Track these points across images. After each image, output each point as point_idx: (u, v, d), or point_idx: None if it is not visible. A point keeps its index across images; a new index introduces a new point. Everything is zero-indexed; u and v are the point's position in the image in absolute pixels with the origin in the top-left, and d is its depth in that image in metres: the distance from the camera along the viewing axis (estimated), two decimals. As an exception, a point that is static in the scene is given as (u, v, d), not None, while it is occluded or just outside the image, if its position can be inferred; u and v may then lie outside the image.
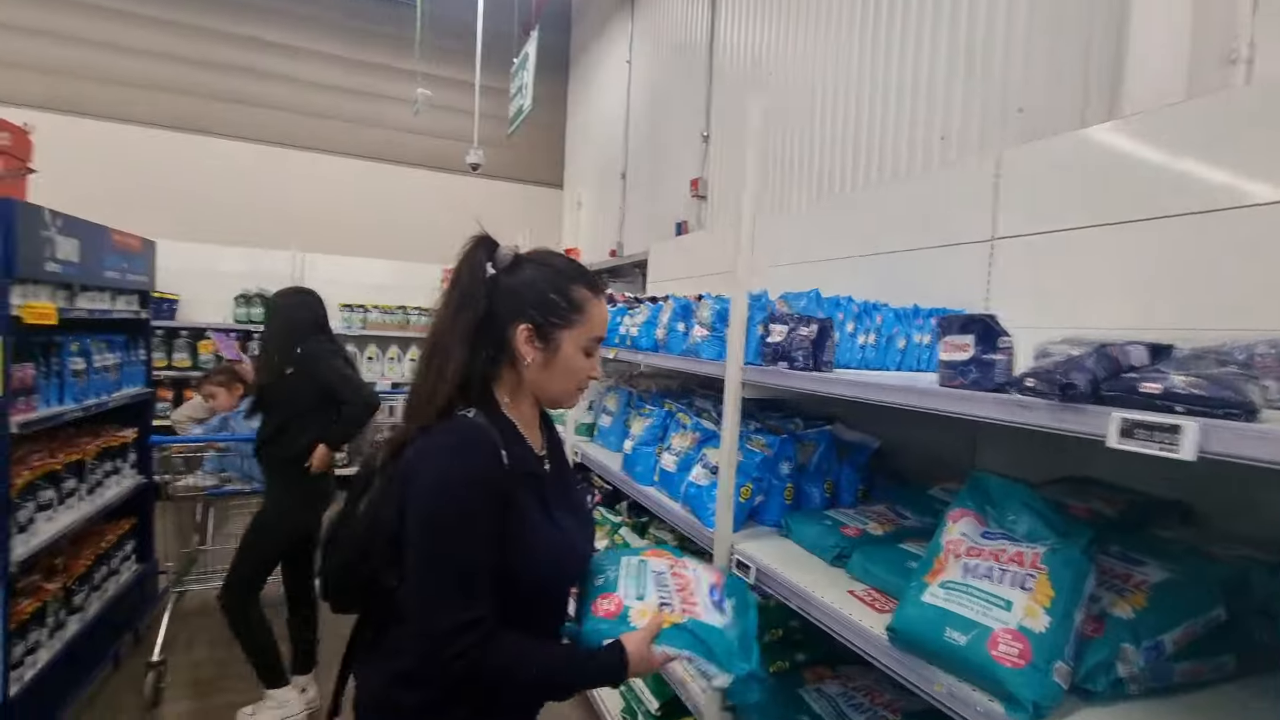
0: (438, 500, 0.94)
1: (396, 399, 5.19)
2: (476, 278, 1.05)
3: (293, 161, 7.13)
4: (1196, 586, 1.01)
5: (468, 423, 0.99)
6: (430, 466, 0.95)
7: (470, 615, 0.91)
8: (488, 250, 1.08)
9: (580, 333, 1.07)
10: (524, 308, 1.04)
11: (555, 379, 1.08)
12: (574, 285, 1.07)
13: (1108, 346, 0.81)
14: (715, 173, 4.22)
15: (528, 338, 1.04)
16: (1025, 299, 1.73)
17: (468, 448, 0.96)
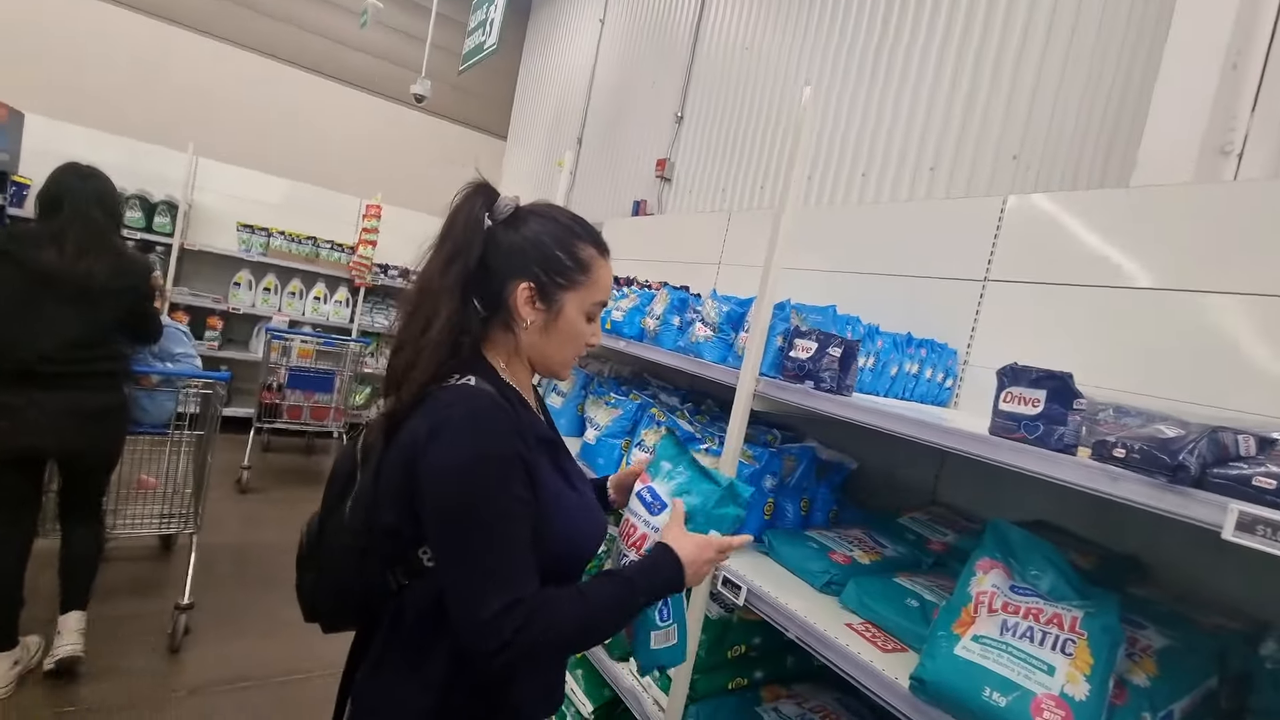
0: (461, 485, 0.81)
1: (292, 339, 4.68)
2: (473, 228, 0.93)
3: (207, 51, 6.17)
4: (1195, 655, 1.05)
5: (473, 390, 0.86)
6: (444, 446, 0.82)
7: (513, 597, 0.80)
8: (486, 199, 0.95)
9: (585, 295, 0.97)
10: (526, 264, 0.94)
11: (554, 344, 0.98)
12: (581, 243, 0.97)
13: (1220, 431, 0.80)
14: (685, 156, 4.10)
15: (528, 297, 0.93)
16: (1009, 344, 1.79)
17: (483, 419, 0.84)
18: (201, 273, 5.35)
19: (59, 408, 1.97)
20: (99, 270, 2.02)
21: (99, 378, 2.08)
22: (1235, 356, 1.35)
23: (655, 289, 2.12)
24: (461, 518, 0.80)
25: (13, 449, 1.96)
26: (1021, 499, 1.67)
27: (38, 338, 1.94)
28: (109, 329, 2.11)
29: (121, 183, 4.68)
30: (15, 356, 1.92)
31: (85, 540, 2.22)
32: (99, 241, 2.06)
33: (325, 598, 0.93)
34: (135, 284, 2.16)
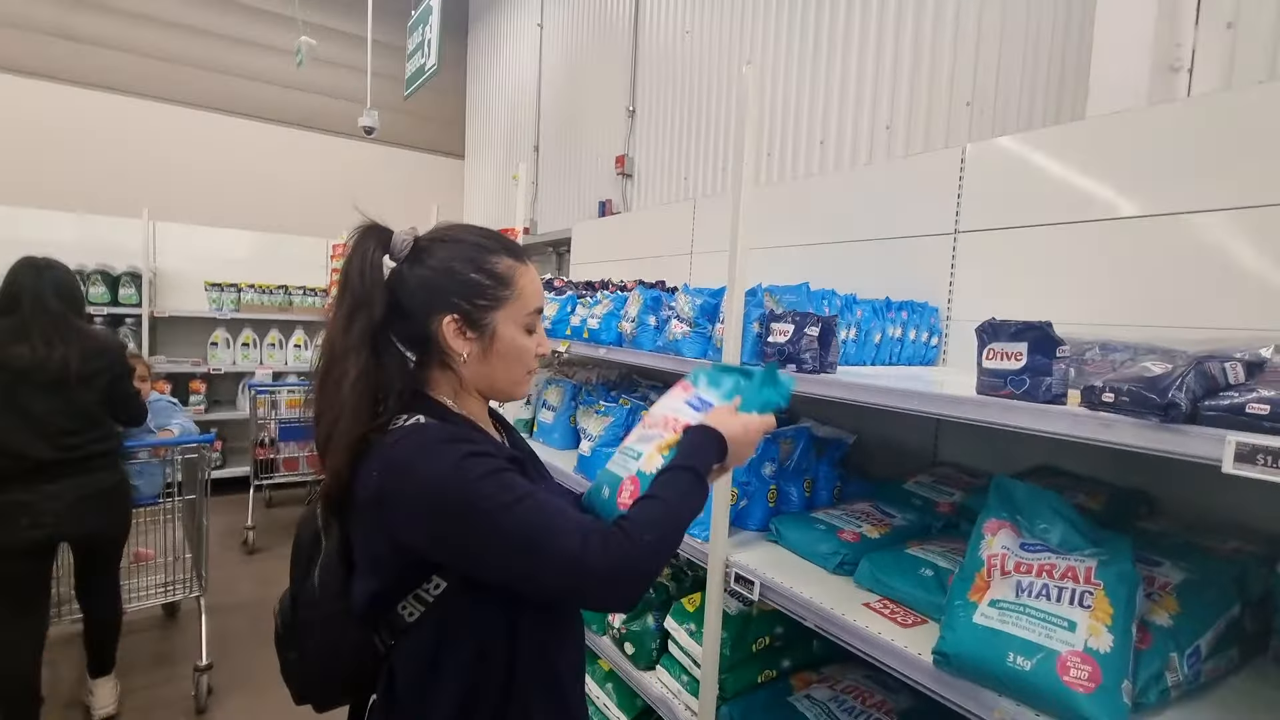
0: (458, 485, 0.76)
1: (279, 390, 4.63)
2: (370, 276, 0.86)
3: (147, 114, 6.06)
4: (1214, 586, 1.04)
5: (417, 424, 0.82)
6: (414, 472, 0.77)
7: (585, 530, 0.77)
8: (379, 240, 0.88)
9: (515, 310, 0.92)
10: (443, 297, 0.88)
11: (500, 368, 0.93)
12: (494, 257, 0.91)
13: (1206, 362, 0.78)
14: (642, 150, 4.06)
15: (456, 330, 0.88)
16: (988, 293, 1.77)
17: (440, 434, 0.80)
18: (176, 338, 5.28)
19: (69, 495, 2.04)
20: (71, 358, 2.05)
21: (97, 459, 2.14)
22: (1217, 272, 1.33)
23: (628, 290, 2.09)
24: (481, 510, 0.75)
25: (35, 541, 2.01)
26: (1022, 448, 1.65)
27: (31, 434, 2.00)
28: (94, 412, 2.15)
29: (81, 259, 4.63)
30: (15, 455, 1.98)
31: (105, 609, 2.32)
32: (63, 330, 2.08)
33: (312, 675, 0.88)
34: (107, 364, 2.17)
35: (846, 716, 1.47)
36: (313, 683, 0.89)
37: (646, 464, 0.97)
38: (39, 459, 2.00)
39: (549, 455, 2.34)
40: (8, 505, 1.97)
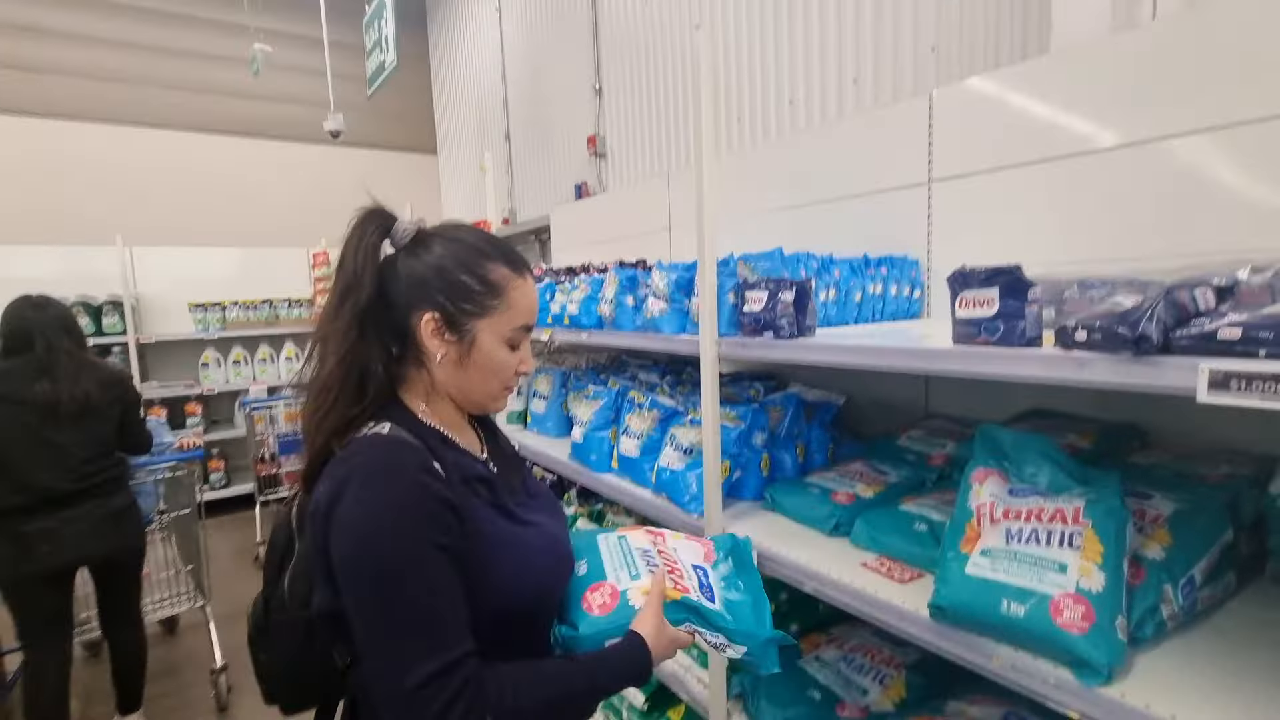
0: (367, 543, 0.72)
1: (276, 405, 4.62)
2: (365, 258, 0.85)
3: (109, 139, 5.95)
4: (1207, 513, 1.03)
5: (374, 439, 0.79)
6: (346, 505, 0.74)
7: (446, 658, 0.71)
8: (380, 225, 0.87)
9: (501, 321, 0.88)
10: (428, 293, 0.86)
11: (473, 378, 0.89)
12: (489, 263, 0.88)
13: (1176, 290, 0.76)
14: (613, 128, 3.99)
15: (434, 329, 0.86)
16: (967, 240, 1.75)
17: (388, 469, 0.76)
18: (166, 363, 5.26)
19: (89, 519, 2.13)
20: (92, 391, 2.14)
21: (110, 484, 2.23)
22: (1196, 196, 1.31)
23: (605, 272, 2.06)
24: (371, 576, 0.72)
25: (60, 565, 2.10)
26: (1012, 392, 1.64)
27: (54, 468, 2.08)
28: (110, 441, 2.24)
29: (61, 291, 4.54)
30: (40, 487, 2.05)
31: (130, 644, 2.38)
32: (79, 365, 2.16)
33: (279, 679, 0.88)
34: (121, 394, 2.27)
35: (856, 674, 1.48)
36: (280, 686, 0.88)
37: (635, 594, 0.91)
38: (62, 490, 2.08)
39: (544, 444, 2.34)
40: (31, 534, 2.04)
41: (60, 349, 2.11)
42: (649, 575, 0.95)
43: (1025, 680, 0.89)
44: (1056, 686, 0.85)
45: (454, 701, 0.70)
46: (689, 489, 1.56)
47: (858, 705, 1.38)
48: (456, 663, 0.72)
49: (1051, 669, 0.87)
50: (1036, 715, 1.23)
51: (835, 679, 1.48)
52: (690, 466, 1.59)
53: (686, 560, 1.03)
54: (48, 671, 2.10)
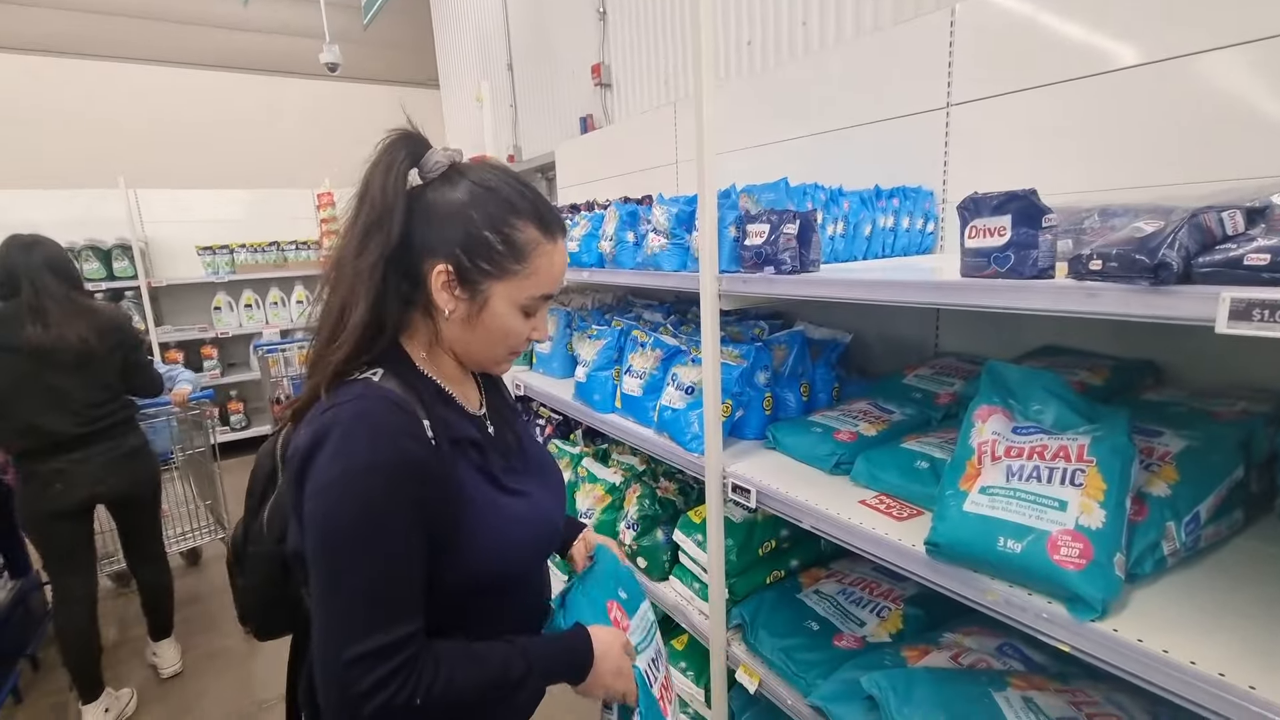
0: (332, 499, 0.69)
1: (289, 348, 4.65)
2: (392, 188, 0.76)
3: (102, 76, 5.80)
4: (1217, 450, 1.00)
5: (370, 389, 0.74)
6: (321, 460, 0.70)
7: (384, 640, 0.68)
8: (411, 152, 0.79)
9: (519, 287, 0.80)
10: (446, 241, 0.78)
11: (479, 340, 0.83)
12: (520, 221, 0.79)
13: (1202, 214, 0.70)
14: (618, 56, 3.79)
15: (445, 282, 0.78)
16: (986, 170, 1.66)
17: (371, 428, 0.71)
18: (179, 307, 5.30)
19: (97, 460, 2.15)
20: (89, 335, 2.09)
21: (119, 426, 2.24)
22: (1228, 118, 1.21)
23: (606, 209, 2.00)
24: (331, 540, 0.69)
25: (74, 503, 2.13)
26: (1025, 329, 1.60)
27: (59, 412, 2.07)
28: (114, 385, 2.22)
29: (70, 236, 4.57)
30: (44, 433, 2.05)
31: (154, 576, 2.46)
32: (71, 307, 2.10)
33: (252, 605, 0.88)
34: (121, 339, 2.22)
35: (854, 607, 1.51)
36: (253, 613, 0.89)
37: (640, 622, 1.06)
38: (68, 435, 2.08)
39: (549, 385, 2.34)
40: (41, 473, 2.08)
41: (48, 293, 2.05)
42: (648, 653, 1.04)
43: (1018, 615, 0.89)
44: (1049, 620, 0.85)
45: (385, 681, 0.68)
46: (690, 428, 1.55)
47: (854, 636, 1.41)
48: (396, 644, 0.69)
49: (1045, 604, 0.86)
50: (1032, 645, 1.25)
51: (833, 611, 1.50)
52: (691, 406, 1.58)
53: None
54: (74, 602, 2.18)
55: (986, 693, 1.06)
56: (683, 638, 1.94)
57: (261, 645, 2.64)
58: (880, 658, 1.29)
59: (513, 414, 1.01)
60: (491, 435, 0.91)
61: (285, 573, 0.83)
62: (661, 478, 2.04)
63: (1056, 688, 1.08)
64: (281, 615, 0.88)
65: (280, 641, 0.93)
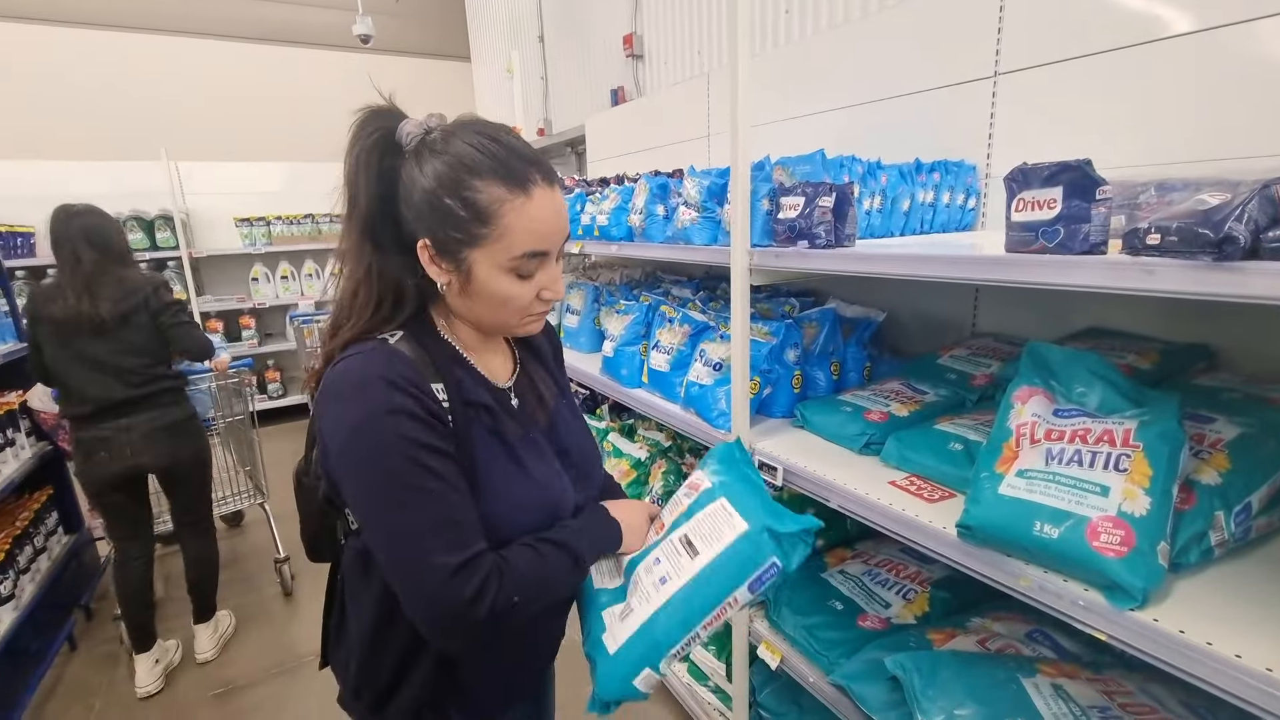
0: (364, 443, 0.71)
1: (323, 319, 4.73)
2: (358, 165, 0.78)
3: (142, 49, 5.90)
4: (1273, 438, 0.95)
5: (376, 347, 0.76)
6: (339, 408, 0.73)
7: (467, 553, 0.72)
8: (381, 127, 0.78)
9: (493, 250, 0.76)
10: (420, 216, 0.77)
11: (482, 307, 0.82)
12: (478, 182, 0.74)
13: (1273, 186, 0.66)
14: (651, 26, 3.71)
15: (430, 257, 0.79)
16: (1035, 142, 1.58)
17: (376, 377, 0.73)
18: (219, 277, 5.43)
19: (141, 428, 2.18)
20: (101, 305, 2.10)
21: (165, 394, 2.25)
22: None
23: (636, 182, 1.97)
24: (374, 481, 0.71)
25: (118, 472, 2.17)
26: (1070, 309, 1.53)
27: (97, 377, 2.11)
28: (152, 349, 2.22)
29: (115, 207, 4.65)
30: (87, 399, 2.11)
31: (197, 549, 2.46)
32: (95, 280, 2.11)
33: (307, 532, 0.95)
34: (144, 300, 2.19)
35: (880, 588, 1.49)
36: (307, 537, 0.96)
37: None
38: (110, 398, 2.12)
39: (576, 359, 2.34)
40: (87, 441, 2.14)
41: (71, 262, 2.09)
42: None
43: (1053, 602, 0.87)
44: (1085, 608, 0.83)
45: (486, 585, 0.72)
46: (717, 404, 1.54)
47: (879, 617, 1.40)
48: (479, 554, 0.73)
49: (1081, 591, 0.84)
50: (1063, 633, 1.22)
51: (858, 591, 1.49)
52: (719, 382, 1.57)
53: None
54: (131, 562, 2.29)
55: (1014, 678, 1.04)
56: (705, 613, 1.95)
57: (299, 605, 2.76)
58: (905, 639, 1.27)
59: (556, 392, 0.99)
60: (514, 407, 0.90)
61: (323, 513, 0.90)
62: (687, 454, 2.04)
63: (1088, 676, 1.05)
64: (325, 543, 0.95)
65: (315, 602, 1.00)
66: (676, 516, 0.92)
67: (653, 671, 0.81)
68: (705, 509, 0.88)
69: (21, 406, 2.51)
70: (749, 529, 0.81)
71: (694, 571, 0.81)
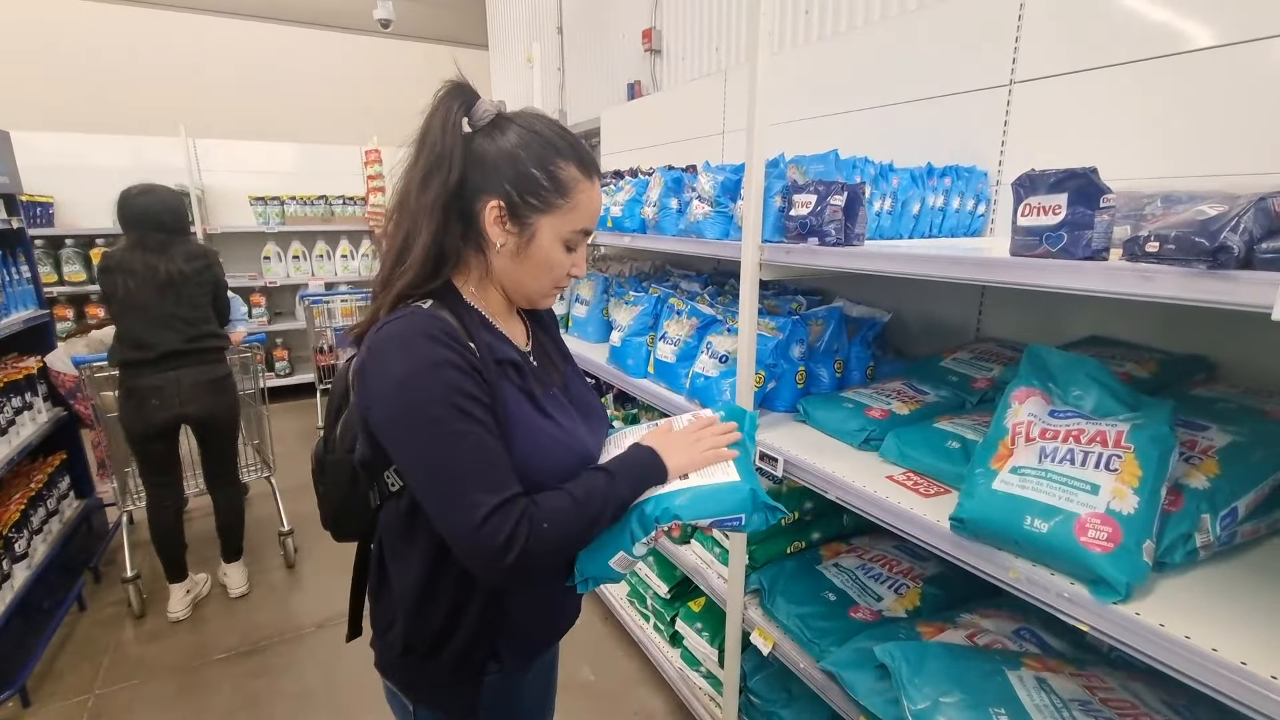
0: (407, 395, 0.76)
1: (333, 300, 4.79)
2: (450, 135, 0.84)
3: (164, 25, 5.95)
4: (1263, 447, 0.98)
5: (413, 310, 0.82)
6: (380, 364, 0.78)
7: (501, 496, 0.76)
8: (464, 102, 0.86)
9: (563, 220, 0.88)
10: (498, 180, 0.85)
11: (527, 272, 0.90)
12: (562, 161, 0.87)
13: (1271, 198, 0.68)
14: (670, 21, 3.73)
15: (497, 217, 0.86)
16: (1047, 151, 1.60)
17: (418, 331, 0.78)
18: (231, 255, 5.47)
19: (189, 380, 2.37)
20: (176, 261, 2.34)
21: (211, 352, 2.45)
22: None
23: (651, 175, 2.00)
24: (418, 428, 0.76)
25: (166, 419, 2.36)
26: (1072, 316, 1.56)
27: (159, 327, 2.31)
28: (206, 309, 2.44)
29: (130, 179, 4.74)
30: (147, 345, 2.29)
31: (229, 498, 2.66)
32: (165, 246, 2.34)
33: (329, 510, 0.97)
34: (205, 264, 2.43)
35: (873, 582, 1.52)
36: (330, 516, 0.98)
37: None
38: (168, 349, 2.31)
39: (584, 349, 2.37)
40: (143, 389, 2.30)
41: (143, 236, 2.30)
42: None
43: (1040, 594, 0.90)
44: (1070, 600, 0.86)
45: (518, 529, 0.75)
46: (721, 396, 1.57)
47: (870, 609, 1.43)
48: (513, 498, 0.77)
49: (1067, 584, 0.87)
50: (1050, 631, 1.25)
51: (851, 584, 1.52)
52: (724, 374, 1.60)
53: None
54: (164, 509, 2.48)
55: (1000, 670, 1.08)
56: (700, 600, 1.99)
57: (300, 577, 2.81)
58: (895, 631, 1.31)
59: (563, 358, 1.06)
60: (535, 366, 0.96)
61: (354, 480, 0.91)
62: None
63: (1071, 671, 1.08)
64: (353, 520, 0.97)
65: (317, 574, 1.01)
66: None
67: (626, 554, 0.89)
68: None
69: (40, 372, 2.57)
70: (739, 483, 0.89)
71: (679, 487, 0.89)
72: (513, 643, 0.94)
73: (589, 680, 2.20)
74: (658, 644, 2.12)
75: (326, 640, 2.39)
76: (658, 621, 2.14)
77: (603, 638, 2.43)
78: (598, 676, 2.22)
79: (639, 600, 2.24)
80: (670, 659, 2.04)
